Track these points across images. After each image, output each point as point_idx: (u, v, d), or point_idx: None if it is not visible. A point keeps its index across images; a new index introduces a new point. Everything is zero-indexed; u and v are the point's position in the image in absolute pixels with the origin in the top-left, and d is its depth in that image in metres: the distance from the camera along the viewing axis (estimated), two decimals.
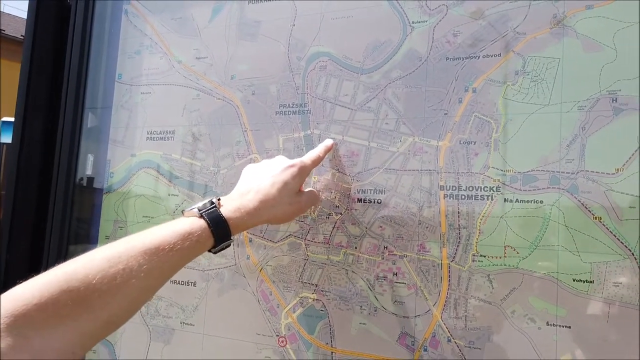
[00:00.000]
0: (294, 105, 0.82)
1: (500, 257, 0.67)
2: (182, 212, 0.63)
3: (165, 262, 0.55)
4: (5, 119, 6.64)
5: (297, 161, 0.71)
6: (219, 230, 0.61)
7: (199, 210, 0.61)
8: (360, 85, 0.78)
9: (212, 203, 0.63)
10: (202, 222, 0.60)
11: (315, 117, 0.81)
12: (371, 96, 0.77)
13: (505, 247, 0.67)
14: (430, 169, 0.73)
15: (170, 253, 0.55)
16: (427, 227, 0.72)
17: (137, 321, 0.90)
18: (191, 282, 0.87)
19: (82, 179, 0.99)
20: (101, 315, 0.51)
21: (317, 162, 0.74)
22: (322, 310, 0.77)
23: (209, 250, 0.62)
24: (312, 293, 0.78)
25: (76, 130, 0.96)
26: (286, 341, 0.79)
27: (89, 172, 0.97)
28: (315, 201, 0.75)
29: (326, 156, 0.78)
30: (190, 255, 0.59)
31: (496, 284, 0.67)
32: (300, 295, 0.79)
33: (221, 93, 0.88)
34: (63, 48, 0.99)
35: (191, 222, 0.60)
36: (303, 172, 0.71)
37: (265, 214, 0.66)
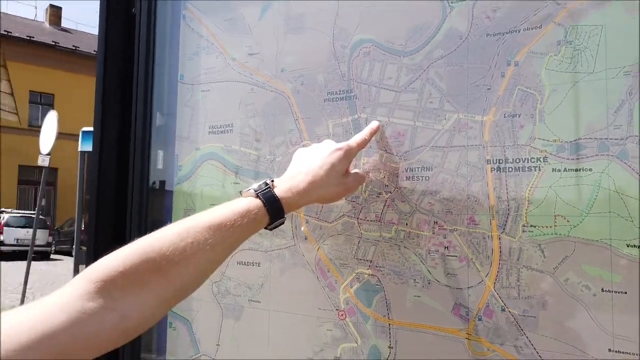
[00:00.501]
0: (341, 92, 0.86)
1: (550, 227, 0.68)
2: (240, 192, 0.70)
3: (227, 237, 0.62)
4: (84, 129, 7.19)
5: (344, 144, 0.75)
6: (273, 209, 0.67)
7: (255, 191, 0.68)
8: (403, 67, 0.81)
9: (267, 184, 0.69)
10: (258, 202, 0.66)
11: (362, 102, 0.84)
12: (414, 77, 0.80)
13: (555, 216, 0.68)
14: (476, 144, 0.74)
15: (232, 229, 0.62)
16: (475, 201, 0.74)
17: (210, 300, 0.98)
18: (256, 263, 0.94)
19: (154, 182, 1.09)
20: (174, 282, 0.58)
21: (362, 144, 0.78)
22: (377, 285, 0.81)
23: (265, 227, 0.68)
24: (367, 269, 0.82)
25: (147, 130, 1.06)
26: (345, 314, 0.83)
27: (160, 166, 1.07)
28: (361, 181, 0.80)
29: (373, 138, 0.81)
30: (248, 231, 0.65)
31: (548, 252, 0.68)
32: (356, 271, 0.83)
33: (273, 86, 0.94)
34: (131, 56, 1.09)
35: (248, 202, 0.66)
36: (349, 155, 0.75)
37: (315, 193, 0.72)
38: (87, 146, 7.23)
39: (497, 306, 0.71)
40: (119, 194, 1.08)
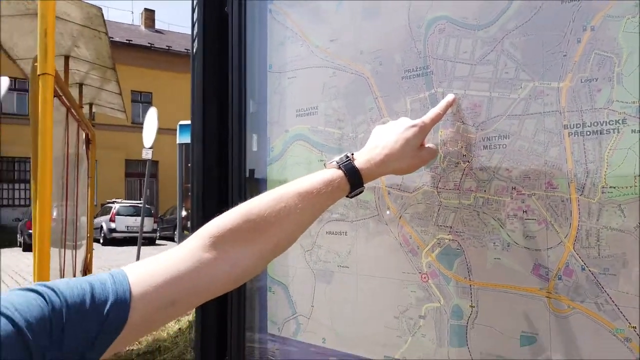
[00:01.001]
0: (418, 69, 0.91)
1: (631, 187, 0.69)
2: (324, 164, 0.79)
3: (314, 203, 0.72)
4: (182, 122, 7.76)
5: (419, 121, 0.81)
6: (354, 179, 0.76)
7: (337, 163, 0.76)
8: (478, 40, 0.84)
9: (347, 157, 0.77)
10: (340, 172, 0.75)
11: (438, 77, 0.89)
12: (489, 49, 0.83)
13: (635, 176, 0.69)
14: (553, 110, 0.76)
15: (317, 196, 0.72)
16: (553, 166, 0.76)
17: (303, 267, 1.09)
18: (343, 232, 1.02)
19: (251, 169, 1.20)
20: (271, 240, 0.69)
21: (437, 119, 0.83)
22: (458, 249, 0.86)
23: (346, 196, 0.76)
24: (448, 234, 0.87)
25: (242, 117, 1.18)
26: (428, 277, 0.90)
27: (254, 149, 1.19)
28: (434, 155, 0.86)
29: (450, 110, 0.86)
30: (331, 198, 0.75)
31: (628, 212, 0.69)
32: (437, 237, 0.89)
33: (353, 68, 1.01)
34: (225, 51, 1.21)
35: (332, 172, 0.75)
36: (424, 130, 0.81)
37: (391, 165, 0.79)
38: (184, 138, 7.80)
39: (577, 265, 0.73)
40: (220, 173, 1.22)
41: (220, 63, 1.22)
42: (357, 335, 1.00)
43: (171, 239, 15.29)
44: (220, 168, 1.23)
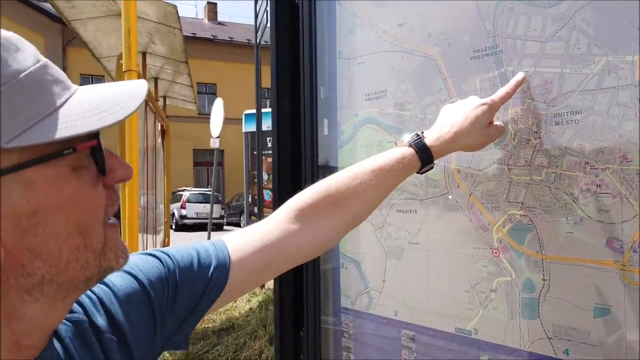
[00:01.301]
0: (487, 49, 0.93)
1: None
2: (396, 143, 0.84)
3: (387, 179, 0.78)
4: (247, 111, 8.01)
5: (488, 99, 0.84)
6: (424, 156, 0.80)
7: (408, 141, 0.81)
8: (549, 17, 0.85)
9: (418, 135, 0.82)
10: (411, 150, 0.80)
11: (507, 56, 0.90)
12: (560, 26, 0.83)
13: None
14: (627, 84, 0.76)
15: (390, 172, 0.78)
16: (628, 139, 0.76)
17: (374, 244, 1.14)
18: (413, 210, 1.07)
19: (322, 153, 1.26)
20: (348, 214, 0.76)
21: (506, 98, 0.85)
22: (529, 224, 0.88)
23: (417, 172, 0.81)
24: (519, 210, 0.89)
25: (314, 102, 1.24)
26: (499, 252, 0.92)
27: (325, 132, 1.25)
28: (502, 132, 0.88)
29: (520, 88, 0.87)
30: (403, 174, 0.80)
31: None
32: (508, 213, 0.91)
33: (421, 51, 1.04)
34: (296, 41, 1.27)
35: (403, 150, 0.80)
36: (492, 109, 0.84)
37: (460, 142, 0.83)
38: (250, 127, 8.05)
39: None
40: (294, 157, 1.29)
41: (292, 52, 1.28)
42: (429, 309, 1.04)
43: (237, 225, 15.86)
44: (294, 152, 1.30)
